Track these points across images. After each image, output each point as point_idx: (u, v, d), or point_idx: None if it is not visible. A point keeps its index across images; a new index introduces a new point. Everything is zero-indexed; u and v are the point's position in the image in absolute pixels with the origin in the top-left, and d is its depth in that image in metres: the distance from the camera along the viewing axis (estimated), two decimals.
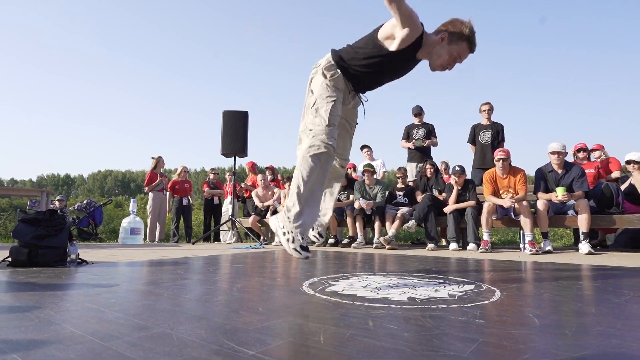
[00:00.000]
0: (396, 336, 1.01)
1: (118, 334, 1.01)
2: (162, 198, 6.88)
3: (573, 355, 0.88)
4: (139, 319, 1.18)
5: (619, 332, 1.05)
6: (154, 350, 0.89)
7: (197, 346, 0.92)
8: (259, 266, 2.68)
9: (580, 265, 2.73)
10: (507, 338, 0.99)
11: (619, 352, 0.90)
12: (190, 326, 1.10)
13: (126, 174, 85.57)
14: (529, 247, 3.74)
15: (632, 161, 4.27)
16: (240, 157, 5.84)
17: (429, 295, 1.56)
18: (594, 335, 1.02)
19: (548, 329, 1.09)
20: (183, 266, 2.66)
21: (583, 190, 3.84)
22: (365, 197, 5.03)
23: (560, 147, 4.02)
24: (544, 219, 3.87)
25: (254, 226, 6.10)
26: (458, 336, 1.01)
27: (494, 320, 1.18)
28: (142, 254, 3.76)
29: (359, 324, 1.12)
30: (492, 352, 0.89)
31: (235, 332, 1.04)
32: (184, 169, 7.20)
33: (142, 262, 2.93)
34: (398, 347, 0.92)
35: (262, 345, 0.93)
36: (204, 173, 70.67)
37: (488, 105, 5.07)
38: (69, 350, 0.89)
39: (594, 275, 2.25)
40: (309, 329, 1.08)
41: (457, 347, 0.92)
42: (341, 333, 1.03)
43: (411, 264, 2.79)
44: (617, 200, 3.89)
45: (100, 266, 2.63)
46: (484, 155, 4.91)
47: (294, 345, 0.94)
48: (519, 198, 3.94)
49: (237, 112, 5.79)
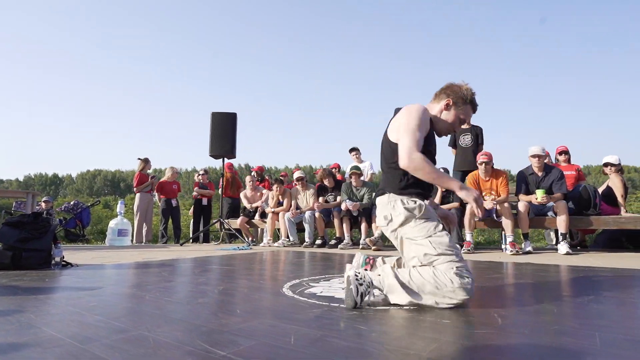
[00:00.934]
0: (363, 336, 1.06)
1: (96, 337, 1.05)
2: (149, 199, 6.86)
3: (525, 352, 0.94)
4: (119, 322, 1.22)
5: (574, 330, 1.12)
6: (130, 352, 0.93)
7: (172, 348, 0.96)
8: (245, 268, 2.72)
9: (556, 266, 2.83)
10: (467, 337, 1.06)
11: (568, 349, 0.96)
12: (168, 328, 1.14)
13: (116, 173, 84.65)
14: (509, 248, 3.84)
15: (609, 164, 4.40)
16: (229, 158, 5.87)
17: None
18: (549, 334, 1.08)
19: (508, 328, 1.15)
20: (168, 268, 2.69)
21: (562, 192, 3.95)
22: (352, 198, 5.10)
23: (540, 150, 4.12)
24: (525, 220, 3.97)
25: (243, 227, 6.12)
26: (422, 336, 1.07)
27: (460, 320, 1.25)
28: (129, 255, 3.77)
29: (331, 325, 1.18)
30: (450, 350, 0.95)
31: (210, 333, 1.09)
32: (172, 170, 7.18)
33: (128, 265, 2.95)
34: (363, 347, 0.97)
35: (234, 346, 0.98)
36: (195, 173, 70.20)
37: None
38: (47, 353, 0.93)
39: (566, 276, 2.34)
40: (282, 330, 1.13)
41: (418, 347, 0.97)
42: (312, 334, 1.09)
43: None
44: (594, 202, 4.01)
45: (85, 269, 2.64)
46: (464, 158, 5.02)
47: (265, 346, 0.99)
48: (500, 200, 4.04)
49: (225, 113, 5.82)
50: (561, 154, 5.03)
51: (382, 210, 1.65)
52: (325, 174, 5.52)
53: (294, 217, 5.47)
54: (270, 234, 5.71)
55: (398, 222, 1.56)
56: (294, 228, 5.51)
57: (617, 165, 4.39)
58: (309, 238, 5.24)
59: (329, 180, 5.48)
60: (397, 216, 1.57)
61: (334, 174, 5.66)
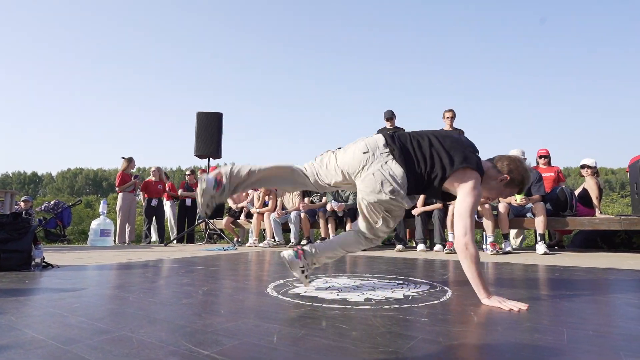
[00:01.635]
0: (344, 335, 1.09)
1: (79, 338, 1.05)
2: (131, 199, 6.76)
3: (496, 348, 0.99)
4: (102, 323, 1.22)
5: (544, 327, 1.18)
6: (113, 352, 0.94)
7: (155, 348, 0.98)
8: (229, 269, 2.73)
9: (534, 266, 2.92)
10: (443, 335, 1.10)
11: (537, 344, 1.01)
12: (151, 329, 1.15)
13: (98, 172, 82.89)
14: (490, 248, 3.94)
15: (586, 166, 4.56)
16: (215, 158, 5.84)
17: (385, 296, 1.66)
18: (520, 331, 1.14)
19: (484, 326, 1.20)
20: (152, 269, 2.68)
21: (540, 194, 4.08)
22: (337, 199, 5.14)
23: (520, 153, 4.25)
24: (505, 221, 4.08)
25: (228, 227, 6.10)
26: (400, 334, 1.11)
27: (438, 318, 1.29)
28: (112, 256, 3.72)
29: (313, 324, 1.21)
30: (426, 347, 0.99)
31: (194, 334, 1.10)
32: (157, 169, 7.09)
33: (111, 265, 2.92)
34: (343, 345, 1.00)
35: (217, 345, 1.00)
36: (180, 172, 69.29)
37: (451, 112, 5.29)
38: (29, 354, 0.93)
39: (542, 275, 2.42)
40: (266, 329, 1.15)
41: (396, 344, 1.01)
42: (294, 333, 1.11)
43: (378, 265, 2.90)
44: (571, 203, 4.15)
45: (66, 270, 2.61)
46: None
47: (247, 345, 1.01)
48: (481, 201, 4.14)
49: (211, 113, 5.79)
50: (541, 157, 5.17)
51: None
52: None
53: (279, 218, 5.48)
54: (256, 235, 5.71)
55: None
56: (279, 228, 5.52)
57: (593, 167, 4.55)
58: (295, 238, 5.26)
59: None
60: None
61: None
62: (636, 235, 4.70)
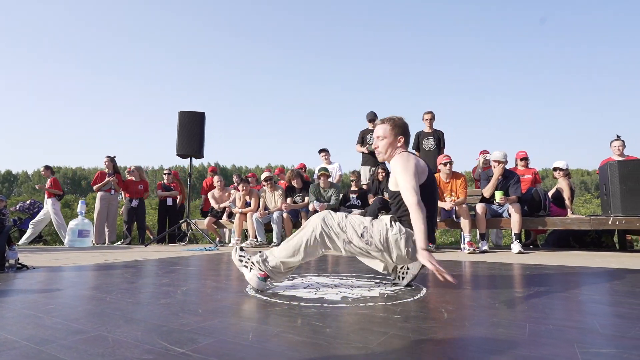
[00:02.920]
0: (318, 332, 1.13)
1: (53, 338, 1.06)
2: (110, 198, 6.62)
3: (461, 342, 1.04)
4: (77, 323, 1.22)
5: (508, 322, 1.24)
6: (88, 352, 0.95)
7: (131, 347, 0.99)
8: (210, 269, 2.73)
9: (508, 264, 3.02)
10: (414, 331, 1.15)
11: (500, 338, 1.07)
12: (128, 329, 1.16)
13: (77, 171, 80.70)
14: (467, 247, 4.05)
15: (558, 168, 4.73)
16: (197, 158, 5.80)
17: (361, 295, 1.71)
18: (486, 326, 1.20)
19: (452, 322, 1.26)
20: (131, 270, 2.66)
21: (517, 195, 4.21)
22: (319, 199, 5.18)
23: (502, 156, 4.38)
24: (482, 221, 4.20)
25: (210, 228, 6.07)
26: (373, 330, 1.15)
27: (410, 315, 1.34)
28: (90, 257, 3.67)
29: (289, 323, 1.24)
30: (396, 342, 1.04)
31: (170, 332, 1.12)
32: (137, 169, 6.98)
33: (89, 267, 2.88)
34: (316, 342, 1.04)
35: (193, 343, 1.02)
36: (162, 172, 68.06)
37: (430, 114, 5.41)
38: (2, 355, 0.93)
39: (515, 273, 2.51)
40: (242, 327, 1.18)
41: (367, 340, 1.05)
42: (270, 331, 1.14)
43: (357, 265, 2.95)
44: (544, 204, 4.30)
45: (42, 271, 2.56)
46: (427, 161, 5.23)
47: (223, 342, 1.03)
48: (459, 202, 4.24)
49: (193, 112, 5.75)
50: (522, 159, 5.30)
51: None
52: (293, 175, 5.58)
53: (262, 218, 5.49)
54: (238, 235, 5.69)
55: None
56: (261, 228, 5.53)
57: (565, 169, 4.72)
58: (277, 238, 5.28)
59: (297, 181, 5.54)
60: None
61: (302, 175, 5.73)
62: (605, 234, 4.90)
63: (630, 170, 3.95)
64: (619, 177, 3.96)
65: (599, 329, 1.16)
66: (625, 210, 3.93)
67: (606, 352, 0.95)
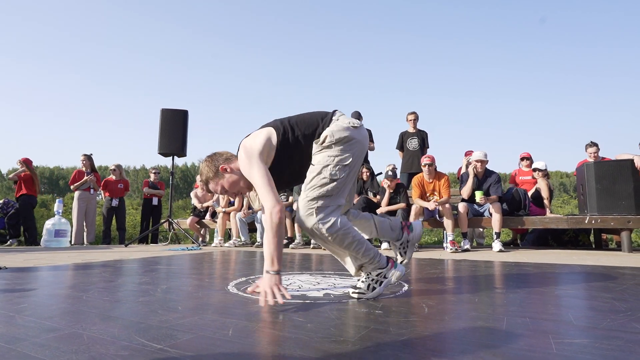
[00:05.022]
0: (299, 327, 1.13)
1: (25, 337, 1.02)
2: (88, 198, 6.45)
3: (440, 335, 1.05)
4: (51, 321, 1.19)
5: (486, 316, 1.26)
6: (61, 349, 0.92)
7: (107, 343, 0.97)
8: (192, 267, 2.69)
9: (489, 262, 3.08)
10: (394, 325, 1.15)
11: (477, 331, 1.08)
12: (104, 326, 1.13)
13: (54, 170, 78.49)
14: (450, 246, 4.10)
15: (537, 169, 4.85)
16: (179, 156, 5.71)
17: (344, 292, 1.71)
18: (465, 320, 1.21)
19: (432, 317, 1.27)
20: (110, 269, 2.60)
21: (497, 194, 4.30)
22: None
23: (482, 155, 4.45)
24: (464, 220, 4.27)
25: (192, 227, 5.99)
26: (354, 325, 1.15)
27: (391, 310, 1.35)
28: (67, 257, 3.57)
29: (270, 318, 1.23)
30: (376, 336, 1.04)
31: (148, 329, 1.10)
32: (117, 167, 6.83)
33: (65, 266, 2.80)
34: (298, 336, 1.03)
35: (171, 339, 1.00)
36: (144, 171, 66.89)
37: (414, 114, 5.48)
38: None
39: (495, 271, 2.56)
40: (222, 324, 1.16)
41: (348, 334, 1.05)
42: (250, 326, 1.13)
43: (341, 263, 2.95)
44: (524, 203, 4.40)
45: (16, 271, 2.48)
46: (411, 161, 5.29)
47: (202, 338, 1.02)
48: (442, 201, 4.30)
49: (176, 110, 5.66)
50: (523, 159, 5.32)
51: None
52: None
53: (245, 217, 5.45)
54: (221, 234, 5.64)
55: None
56: (245, 228, 5.48)
57: (544, 170, 4.84)
58: (261, 238, 5.24)
59: None
60: None
61: None
62: (582, 234, 5.04)
63: (605, 170, 4.08)
64: (595, 178, 4.09)
65: (573, 321, 1.19)
66: (600, 210, 4.06)
67: (579, 342, 0.97)
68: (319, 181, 1.48)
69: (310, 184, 1.49)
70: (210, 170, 1.62)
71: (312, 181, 1.49)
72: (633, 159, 3.99)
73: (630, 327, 1.11)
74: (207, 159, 1.65)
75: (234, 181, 1.63)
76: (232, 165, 1.63)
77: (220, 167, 1.61)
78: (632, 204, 3.93)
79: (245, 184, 1.64)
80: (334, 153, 1.51)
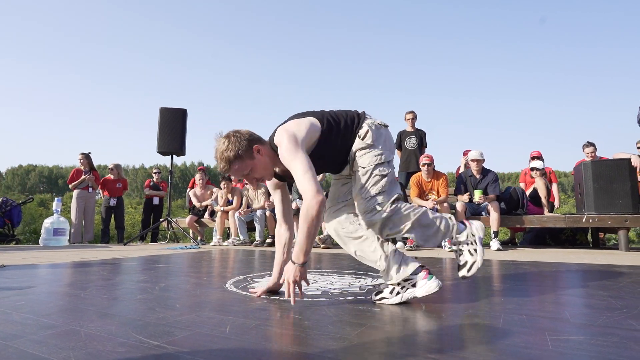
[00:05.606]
0: (297, 324, 1.13)
1: (23, 334, 1.02)
2: (87, 196, 6.44)
3: (439, 332, 1.06)
4: (48, 318, 1.19)
5: (484, 313, 1.26)
6: (59, 346, 0.93)
7: (104, 340, 0.97)
8: (190, 266, 2.69)
9: (487, 261, 3.08)
10: (390, 322, 1.16)
11: (475, 327, 1.09)
12: (101, 323, 1.13)
13: (53, 169, 78.34)
14: (447, 245, 4.10)
15: (535, 168, 4.86)
16: (178, 155, 5.71)
17: (342, 289, 1.72)
18: (463, 317, 1.22)
19: (430, 314, 1.27)
20: (109, 267, 2.60)
21: (495, 193, 4.31)
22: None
23: (479, 155, 4.46)
24: (461, 218, 4.27)
25: (191, 226, 5.98)
26: (351, 322, 1.16)
27: (388, 308, 1.35)
28: (65, 256, 3.57)
29: (268, 316, 1.23)
30: (373, 333, 1.04)
31: (146, 326, 1.10)
32: (115, 167, 6.82)
33: (64, 264, 2.80)
34: (294, 333, 1.04)
35: (169, 336, 1.00)
36: (143, 170, 66.77)
37: (412, 114, 5.48)
38: None
39: (492, 269, 2.57)
40: (219, 321, 1.16)
41: (345, 331, 1.06)
42: (248, 324, 1.13)
43: (339, 262, 2.96)
44: (522, 203, 4.41)
45: (14, 269, 2.48)
46: (409, 160, 5.30)
47: (199, 335, 1.02)
48: (440, 200, 4.31)
49: (175, 109, 5.66)
50: (534, 158, 5.32)
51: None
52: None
53: (244, 216, 5.45)
54: (220, 233, 5.63)
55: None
56: (244, 227, 5.48)
57: (541, 169, 4.85)
58: (260, 237, 5.25)
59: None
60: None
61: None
62: (579, 232, 5.06)
63: (603, 170, 4.09)
64: (592, 177, 4.10)
65: (569, 318, 1.19)
66: (597, 209, 4.07)
67: (575, 339, 0.98)
68: (372, 181, 1.47)
69: (364, 187, 1.48)
70: (241, 147, 1.43)
71: (366, 183, 1.48)
72: (630, 158, 4.00)
73: (626, 324, 1.11)
74: (234, 134, 1.46)
75: (265, 165, 1.49)
76: (265, 147, 1.50)
77: (254, 147, 1.46)
78: (629, 203, 3.94)
79: (272, 171, 1.55)
80: (377, 153, 1.51)
